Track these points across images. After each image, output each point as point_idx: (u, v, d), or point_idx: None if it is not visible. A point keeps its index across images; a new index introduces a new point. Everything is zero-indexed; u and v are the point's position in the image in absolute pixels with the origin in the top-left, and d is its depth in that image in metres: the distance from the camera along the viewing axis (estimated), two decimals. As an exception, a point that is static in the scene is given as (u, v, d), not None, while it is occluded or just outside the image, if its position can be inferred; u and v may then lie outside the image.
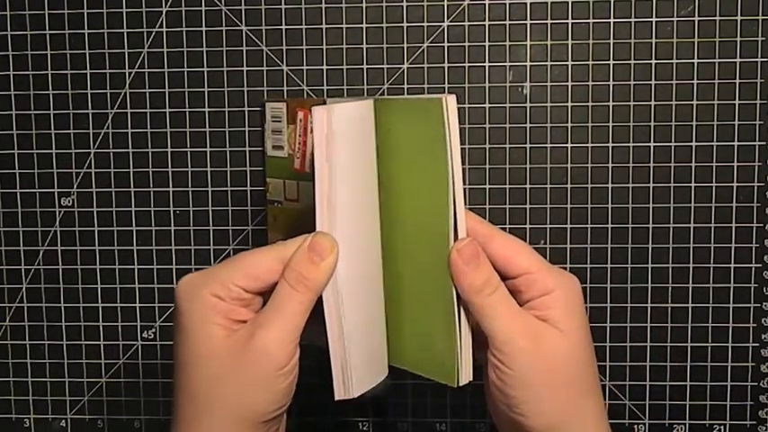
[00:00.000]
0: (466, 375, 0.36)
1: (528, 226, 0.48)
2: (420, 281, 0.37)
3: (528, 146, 0.48)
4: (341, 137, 0.34)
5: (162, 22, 0.48)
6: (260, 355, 0.33)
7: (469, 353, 0.36)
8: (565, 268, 0.48)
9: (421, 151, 0.35)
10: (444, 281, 0.35)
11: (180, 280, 0.35)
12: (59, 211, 0.50)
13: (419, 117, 0.34)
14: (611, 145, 0.47)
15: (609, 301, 0.48)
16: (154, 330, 0.50)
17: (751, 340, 0.48)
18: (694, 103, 0.47)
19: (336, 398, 0.35)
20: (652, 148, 0.47)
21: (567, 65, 0.47)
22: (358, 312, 0.36)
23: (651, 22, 0.47)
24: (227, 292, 0.34)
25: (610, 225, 0.48)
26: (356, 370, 0.35)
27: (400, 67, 0.47)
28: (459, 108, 0.47)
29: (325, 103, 0.40)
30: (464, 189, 0.34)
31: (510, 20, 0.47)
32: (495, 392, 0.35)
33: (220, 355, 0.34)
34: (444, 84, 0.47)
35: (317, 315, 0.35)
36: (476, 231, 0.36)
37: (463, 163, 0.48)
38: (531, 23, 0.47)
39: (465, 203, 0.34)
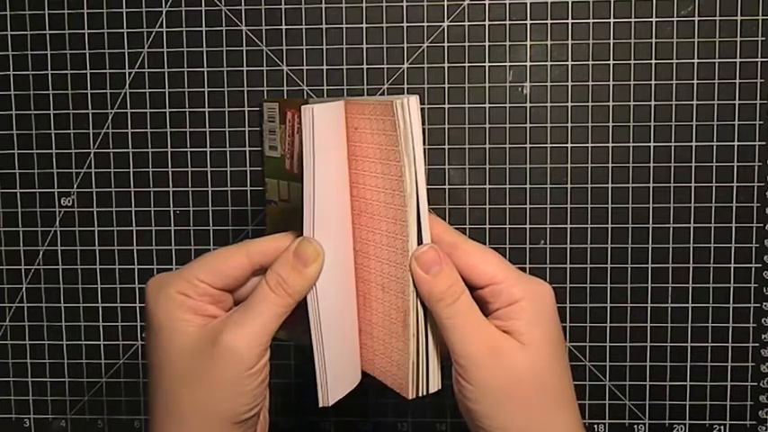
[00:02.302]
0: (425, 387, 0.35)
1: (528, 226, 0.48)
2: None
3: (528, 146, 0.48)
4: (321, 137, 0.34)
5: (162, 22, 0.48)
6: (227, 353, 0.32)
7: (435, 362, 0.35)
8: (565, 268, 0.48)
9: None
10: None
11: (149, 280, 0.35)
12: (59, 211, 0.50)
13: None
14: (611, 145, 0.47)
15: (609, 301, 0.48)
16: (154, 330, 0.50)
17: (751, 340, 0.48)
18: (694, 103, 0.47)
19: (320, 405, 0.35)
20: (652, 148, 0.47)
21: (567, 65, 0.47)
22: (334, 320, 0.35)
23: (651, 22, 0.47)
24: (194, 288, 0.34)
25: (610, 225, 0.48)
26: (332, 379, 0.35)
27: (400, 67, 0.47)
28: (459, 108, 0.47)
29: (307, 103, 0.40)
30: (428, 195, 0.33)
31: (510, 20, 0.47)
32: (460, 404, 0.34)
33: (188, 351, 0.33)
34: (444, 84, 0.47)
35: (303, 315, 0.34)
36: (441, 239, 0.35)
37: (463, 163, 0.48)
38: (531, 23, 0.47)
39: (429, 209, 0.34)
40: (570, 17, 0.47)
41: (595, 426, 0.49)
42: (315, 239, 0.34)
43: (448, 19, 0.47)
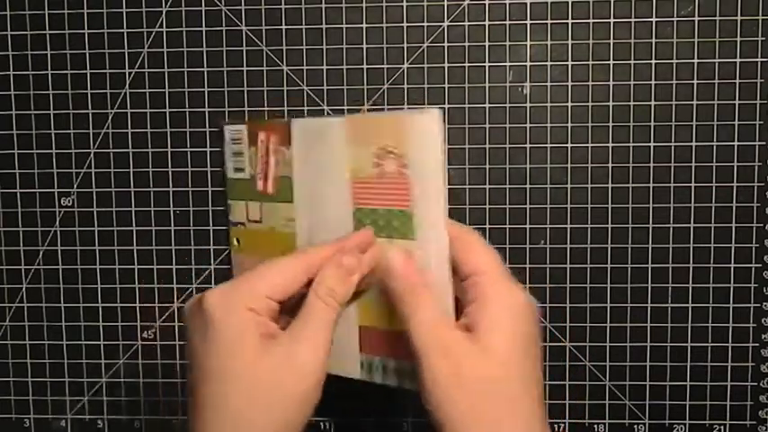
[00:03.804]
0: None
1: (528, 226, 0.48)
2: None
3: (528, 146, 0.48)
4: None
5: (162, 22, 0.48)
6: (302, 368, 0.34)
7: None
8: (565, 268, 0.48)
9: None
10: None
11: (208, 293, 0.34)
12: (59, 211, 0.50)
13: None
14: (611, 145, 0.47)
15: (609, 301, 0.48)
16: (154, 330, 0.50)
17: (751, 340, 0.48)
18: (694, 103, 0.47)
19: None
20: (652, 148, 0.47)
21: (567, 65, 0.47)
22: None
23: (651, 22, 0.47)
24: (262, 305, 0.34)
25: (610, 225, 0.48)
26: None
27: (400, 68, 0.47)
28: (459, 108, 0.47)
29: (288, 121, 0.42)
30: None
31: (510, 20, 0.47)
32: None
33: (257, 370, 0.33)
34: (444, 84, 0.47)
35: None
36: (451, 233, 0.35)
37: (463, 163, 0.48)
38: (531, 23, 0.47)
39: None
40: (570, 17, 0.47)
41: (595, 426, 0.49)
42: (355, 253, 0.37)
43: (448, 19, 0.47)
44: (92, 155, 0.49)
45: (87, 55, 0.49)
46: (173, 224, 0.49)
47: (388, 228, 0.38)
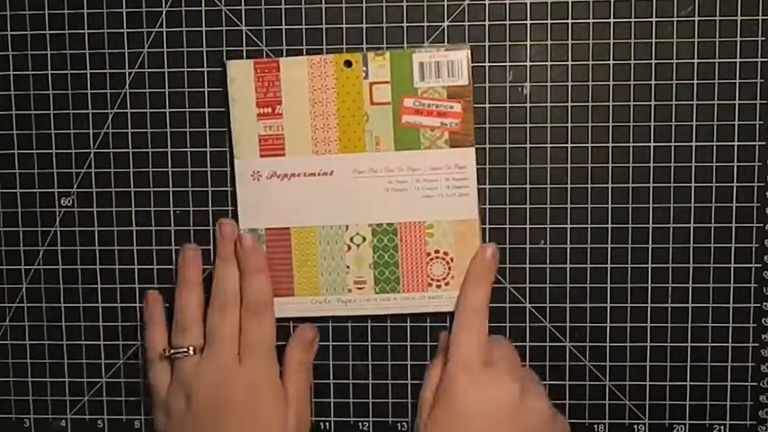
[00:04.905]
0: None
1: (528, 226, 0.48)
2: None
3: (528, 146, 0.48)
4: None
5: (162, 22, 0.48)
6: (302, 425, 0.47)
7: None
8: (565, 268, 0.48)
9: None
10: None
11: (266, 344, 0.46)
12: (59, 211, 0.50)
13: None
14: (611, 145, 0.47)
15: (609, 301, 0.48)
16: (154, 330, 0.50)
17: (751, 340, 0.48)
18: (694, 103, 0.47)
19: None
20: (652, 148, 0.47)
21: (567, 65, 0.47)
22: None
23: (651, 22, 0.47)
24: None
25: (610, 225, 0.48)
26: None
27: (400, 67, 0.47)
28: (459, 108, 0.47)
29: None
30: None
31: (510, 20, 0.47)
32: None
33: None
34: (444, 84, 0.47)
35: None
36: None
37: (463, 163, 0.48)
38: (531, 23, 0.47)
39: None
40: (570, 17, 0.47)
41: (595, 426, 0.49)
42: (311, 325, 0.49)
43: (448, 19, 0.47)
44: (92, 155, 0.49)
45: (87, 55, 0.49)
46: (173, 224, 0.49)
47: None
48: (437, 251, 0.47)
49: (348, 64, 0.46)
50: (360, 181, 0.47)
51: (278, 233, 0.47)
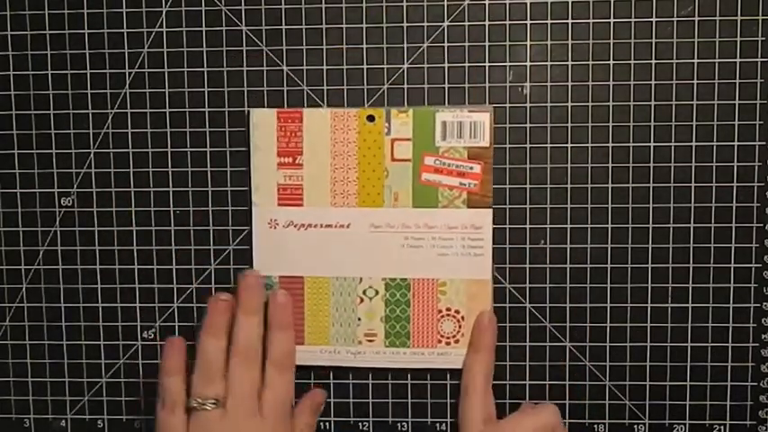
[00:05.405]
0: None
1: (528, 226, 0.48)
2: None
3: (528, 146, 0.48)
4: None
5: (162, 22, 0.48)
6: None
7: None
8: (565, 268, 0.48)
9: None
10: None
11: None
12: (59, 211, 0.50)
13: None
14: (611, 145, 0.47)
15: (609, 301, 0.48)
16: (154, 330, 0.50)
17: (751, 340, 0.48)
18: (694, 103, 0.47)
19: None
20: (652, 148, 0.47)
21: (567, 65, 0.47)
22: None
23: (651, 22, 0.47)
24: None
25: (610, 225, 0.48)
26: None
27: (400, 68, 0.47)
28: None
29: None
30: None
31: (510, 20, 0.47)
32: None
33: None
34: (444, 84, 0.47)
35: None
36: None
37: (463, 163, 0.48)
38: (531, 23, 0.47)
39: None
40: (570, 17, 0.47)
41: (595, 426, 0.49)
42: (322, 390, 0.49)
43: (448, 19, 0.47)
44: (92, 155, 0.49)
45: (87, 55, 0.49)
46: (173, 224, 0.49)
47: None
48: (449, 309, 0.47)
49: (371, 119, 0.46)
50: (376, 235, 0.47)
51: (291, 281, 0.48)
